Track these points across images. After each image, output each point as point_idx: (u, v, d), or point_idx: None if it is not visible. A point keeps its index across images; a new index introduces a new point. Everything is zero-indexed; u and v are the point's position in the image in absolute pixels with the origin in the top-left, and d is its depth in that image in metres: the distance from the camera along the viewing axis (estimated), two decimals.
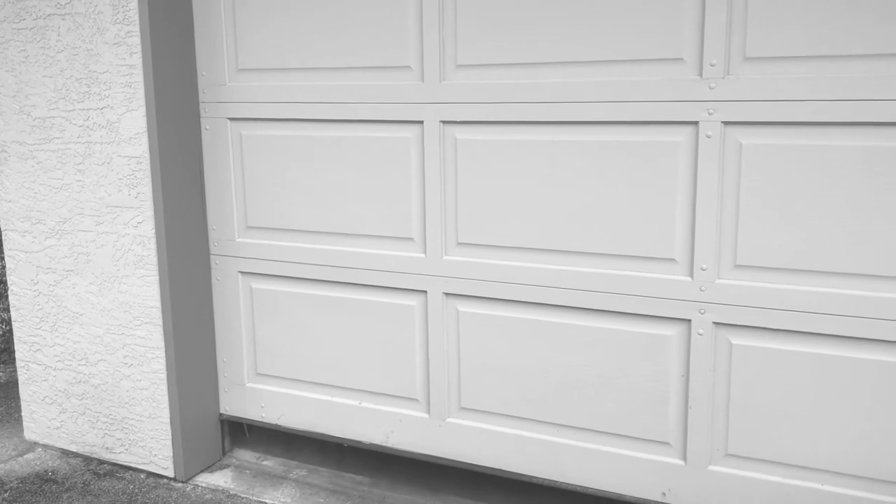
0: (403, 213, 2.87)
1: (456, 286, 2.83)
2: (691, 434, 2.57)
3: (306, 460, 3.35)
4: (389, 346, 3.00)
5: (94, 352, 3.28)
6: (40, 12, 3.10)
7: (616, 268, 2.59)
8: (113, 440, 3.33)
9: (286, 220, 3.08)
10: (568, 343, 2.70)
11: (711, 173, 2.40)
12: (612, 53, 2.47)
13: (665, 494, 2.65)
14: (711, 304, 2.47)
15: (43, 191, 3.25)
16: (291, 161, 3.03)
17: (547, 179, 2.62)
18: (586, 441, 2.74)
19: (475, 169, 2.73)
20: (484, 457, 2.91)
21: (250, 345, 3.27)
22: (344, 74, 2.88)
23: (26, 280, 3.38)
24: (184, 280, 3.13)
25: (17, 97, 3.22)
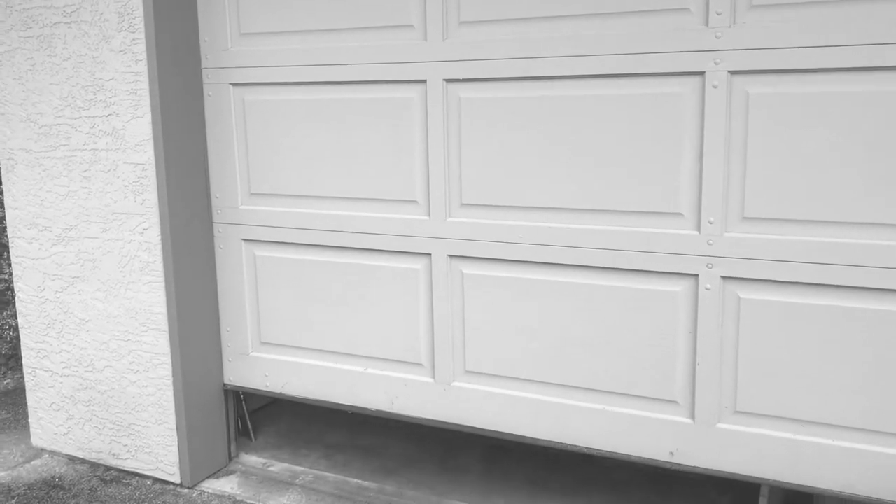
0: (407, 175, 2.85)
1: (460, 248, 2.81)
2: (699, 392, 2.54)
3: (312, 466, 3.35)
4: (394, 311, 2.97)
5: (100, 358, 3.29)
6: (47, 20, 3.12)
7: (622, 224, 2.56)
8: (119, 446, 3.33)
9: (289, 186, 3.06)
10: (574, 302, 2.67)
11: (718, 124, 2.37)
12: (617, 5, 2.45)
13: (673, 454, 2.62)
14: (719, 258, 2.44)
15: (49, 198, 3.26)
16: (294, 126, 3.01)
17: (551, 136, 2.60)
18: (593, 402, 2.71)
19: (479, 128, 2.70)
20: (489, 420, 2.88)
21: (254, 313, 3.25)
22: (346, 35, 2.86)
23: (33, 287, 3.39)
24: (187, 258, 3.14)
25: (24, 105, 3.24)
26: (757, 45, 2.29)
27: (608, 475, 3.22)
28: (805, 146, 2.30)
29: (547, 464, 3.32)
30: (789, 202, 2.34)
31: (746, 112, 2.34)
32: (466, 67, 2.68)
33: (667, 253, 2.51)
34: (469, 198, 2.77)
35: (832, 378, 2.38)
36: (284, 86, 3.00)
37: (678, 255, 2.50)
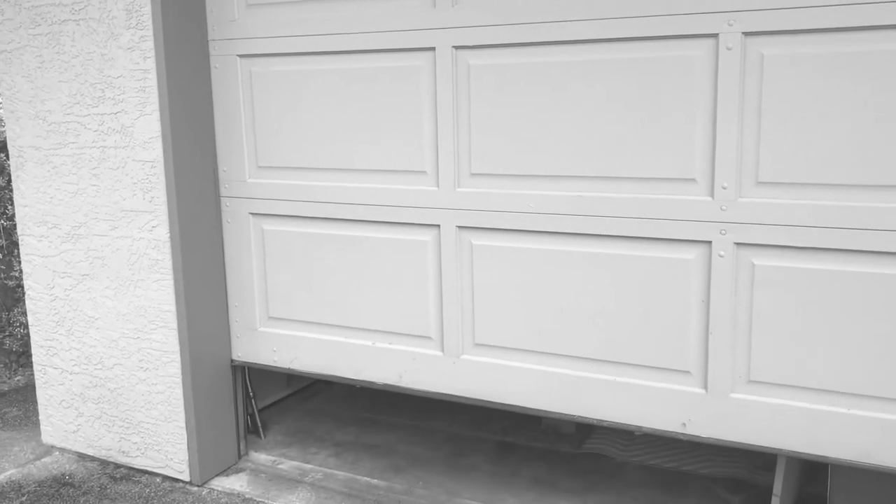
0: (416, 146, 2.82)
1: (469, 219, 2.77)
2: (712, 361, 2.51)
3: (322, 464, 3.34)
4: (402, 284, 2.94)
5: (109, 356, 3.29)
6: (55, 18, 3.11)
7: (634, 191, 2.52)
8: (129, 444, 3.33)
9: (297, 158, 3.04)
10: (584, 272, 2.64)
11: (732, 87, 2.33)
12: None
13: (685, 425, 2.58)
14: (733, 223, 2.40)
15: (58, 195, 3.26)
16: (301, 97, 2.98)
17: (562, 103, 2.56)
18: (604, 373, 2.67)
19: (489, 95, 2.66)
20: (499, 393, 2.85)
21: (262, 288, 3.23)
22: (353, 4, 2.83)
23: (42, 284, 3.39)
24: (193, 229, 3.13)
25: (33, 102, 3.24)
26: (771, 4, 2.24)
27: (618, 475, 3.20)
28: (820, 108, 2.24)
29: (556, 463, 3.30)
30: (805, 166, 2.29)
31: (761, 74, 2.29)
32: (476, 34, 2.64)
33: (679, 220, 2.47)
34: (478, 167, 2.73)
35: (848, 345, 2.33)
36: (291, 56, 2.97)
37: (691, 222, 2.45)
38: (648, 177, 2.49)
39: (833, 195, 2.28)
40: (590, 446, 3.43)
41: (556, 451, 3.41)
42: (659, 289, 2.54)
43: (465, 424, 3.67)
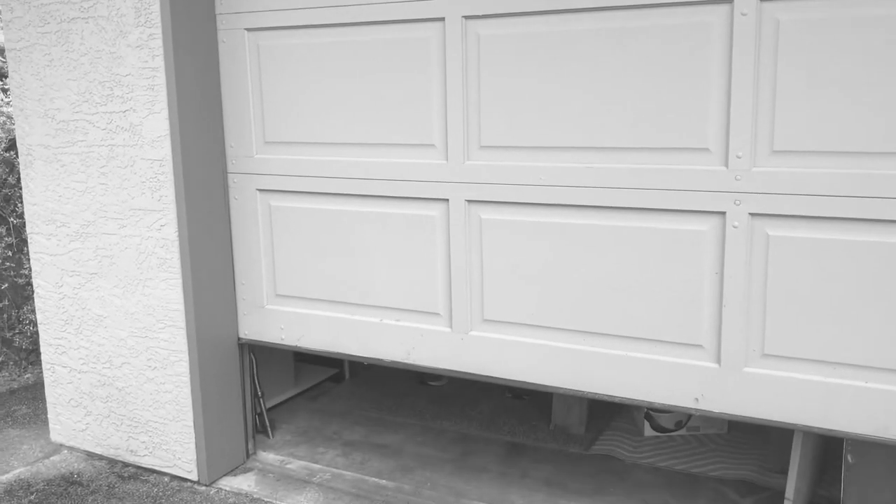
0: (424, 118, 2.78)
1: (479, 192, 2.74)
2: (725, 335, 2.46)
3: (330, 464, 3.33)
4: (410, 260, 2.91)
5: (117, 355, 3.29)
6: (64, 16, 3.10)
7: (646, 162, 2.47)
8: (137, 443, 3.33)
9: (304, 133, 3.01)
10: (595, 245, 2.60)
11: (747, 54, 2.28)
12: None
13: (698, 400, 2.54)
14: (747, 193, 2.36)
15: (67, 194, 3.25)
16: (309, 70, 2.95)
17: (573, 72, 2.51)
18: (614, 348, 2.63)
19: (499, 66, 2.62)
20: (508, 369, 2.81)
21: (269, 265, 3.20)
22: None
23: (51, 283, 3.39)
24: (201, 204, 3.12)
25: (42, 101, 3.23)
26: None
27: (628, 476, 3.17)
28: (837, 75, 2.19)
29: (566, 464, 3.28)
30: (821, 134, 2.24)
31: (776, 40, 2.25)
32: (486, 3, 2.60)
33: (693, 190, 2.42)
34: (488, 140, 2.69)
35: (865, 317, 2.28)
36: (299, 29, 2.93)
37: (705, 193, 2.41)
38: (661, 147, 2.44)
39: (851, 163, 2.22)
40: (599, 447, 3.40)
41: (565, 451, 3.38)
42: (671, 261, 2.49)
43: (474, 425, 3.65)
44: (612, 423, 3.63)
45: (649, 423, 3.49)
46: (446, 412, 3.80)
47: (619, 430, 3.57)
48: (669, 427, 3.49)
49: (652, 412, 3.47)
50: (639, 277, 2.55)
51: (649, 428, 3.49)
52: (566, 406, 3.57)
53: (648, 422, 3.49)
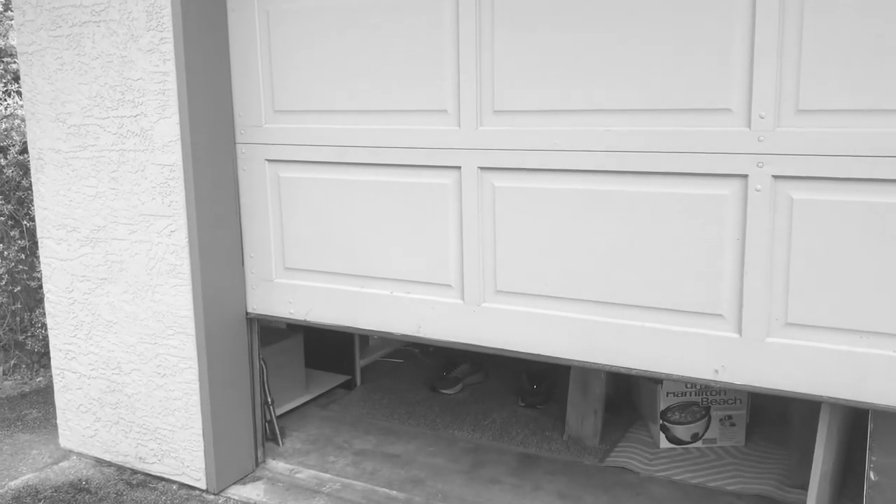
0: (436, 83, 2.70)
1: (492, 159, 2.66)
2: (747, 303, 2.37)
3: (340, 473, 3.28)
4: (421, 231, 2.83)
5: (127, 361, 3.26)
6: (76, 19, 3.08)
7: (665, 124, 2.38)
8: (146, 450, 3.30)
9: (313, 101, 2.94)
10: (611, 212, 2.51)
11: (771, 8, 2.18)
12: None
13: (718, 371, 2.45)
14: (771, 155, 2.26)
15: (78, 198, 3.23)
16: (317, 35, 2.87)
17: (588, 32, 2.43)
18: (631, 319, 2.55)
19: (513, 25, 2.53)
20: (521, 342, 2.73)
21: (278, 238, 3.13)
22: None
23: (61, 288, 3.37)
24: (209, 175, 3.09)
25: (53, 104, 3.21)
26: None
27: (643, 490, 3.11)
28: (869, 25, 2.09)
29: (579, 477, 3.22)
30: (849, 91, 2.14)
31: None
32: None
33: (714, 153, 2.33)
34: (502, 104, 2.61)
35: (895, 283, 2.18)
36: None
37: (726, 155, 2.32)
38: (681, 108, 2.36)
39: (881, 122, 2.12)
40: (614, 459, 3.34)
41: (579, 463, 3.32)
42: (691, 227, 2.40)
43: (487, 434, 3.60)
44: (627, 434, 3.57)
45: (665, 435, 3.43)
46: (458, 421, 3.75)
47: (633, 441, 3.50)
48: (685, 439, 3.42)
49: (668, 424, 3.41)
50: (657, 245, 2.46)
51: (665, 440, 3.43)
52: (580, 416, 3.51)
53: (664, 433, 3.42)
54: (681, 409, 3.40)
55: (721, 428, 3.42)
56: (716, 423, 3.42)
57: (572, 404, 3.53)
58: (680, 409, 3.40)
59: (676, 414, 3.40)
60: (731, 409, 3.41)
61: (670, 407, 3.40)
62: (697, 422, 3.41)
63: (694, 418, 3.41)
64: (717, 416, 3.41)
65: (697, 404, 3.40)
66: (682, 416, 3.40)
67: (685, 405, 3.40)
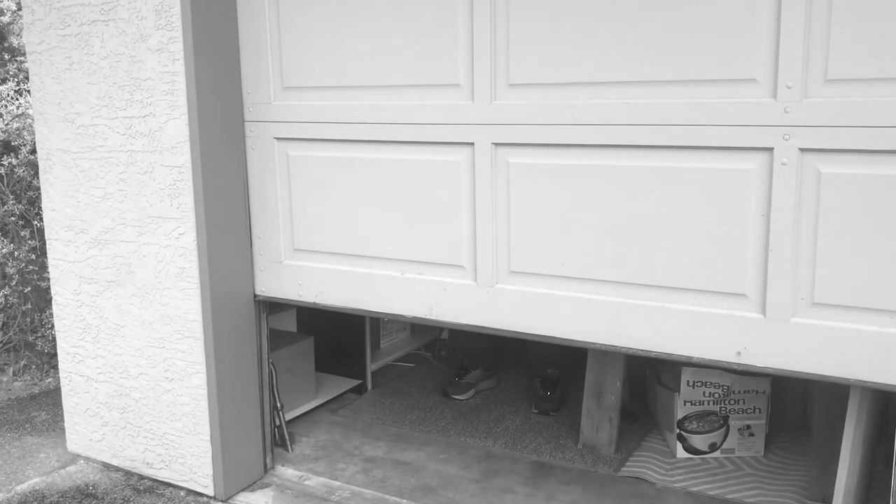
0: (449, 56, 2.61)
1: (506, 134, 2.57)
2: (771, 282, 2.28)
3: (349, 481, 3.23)
4: (433, 210, 2.75)
5: (135, 365, 3.21)
6: (85, 18, 3.04)
7: (687, 96, 2.29)
8: (153, 455, 3.25)
9: (323, 76, 2.86)
10: (630, 189, 2.42)
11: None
12: None
13: (740, 353, 2.36)
14: (797, 127, 2.17)
15: (86, 200, 3.19)
16: (328, 9, 2.80)
17: (604, 3, 2.35)
18: (650, 299, 2.46)
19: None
20: (536, 324, 2.65)
21: (287, 218, 3.06)
22: None
23: (69, 290, 3.33)
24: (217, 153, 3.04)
25: (62, 105, 3.17)
26: None
27: (660, 501, 3.03)
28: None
29: (594, 487, 3.14)
30: (882, 57, 2.04)
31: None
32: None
33: (738, 125, 2.23)
34: (517, 77, 2.53)
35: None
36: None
37: (751, 127, 2.22)
38: (703, 79, 2.26)
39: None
40: (629, 469, 3.27)
41: (593, 473, 3.25)
42: (714, 204, 2.32)
43: (500, 442, 3.53)
44: (643, 443, 3.50)
45: (682, 445, 3.35)
46: (471, 428, 3.68)
47: (649, 450, 3.43)
48: (703, 449, 3.34)
49: (685, 433, 3.33)
50: (677, 222, 2.38)
51: (682, 449, 3.35)
52: (595, 425, 3.44)
53: (681, 443, 3.35)
54: (698, 418, 3.32)
55: (740, 438, 3.34)
56: (734, 433, 3.33)
57: (587, 412, 3.45)
58: (697, 419, 3.32)
59: (694, 423, 3.32)
60: (750, 419, 3.32)
61: (687, 416, 3.32)
62: (715, 431, 3.33)
63: (712, 428, 3.33)
64: (735, 426, 3.33)
65: (715, 413, 3.32)
66: (700, 425, 3.33)
67: (703, 414, 3.32)
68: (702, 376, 3.30)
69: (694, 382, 3.31)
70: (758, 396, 3.31)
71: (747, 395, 3.31)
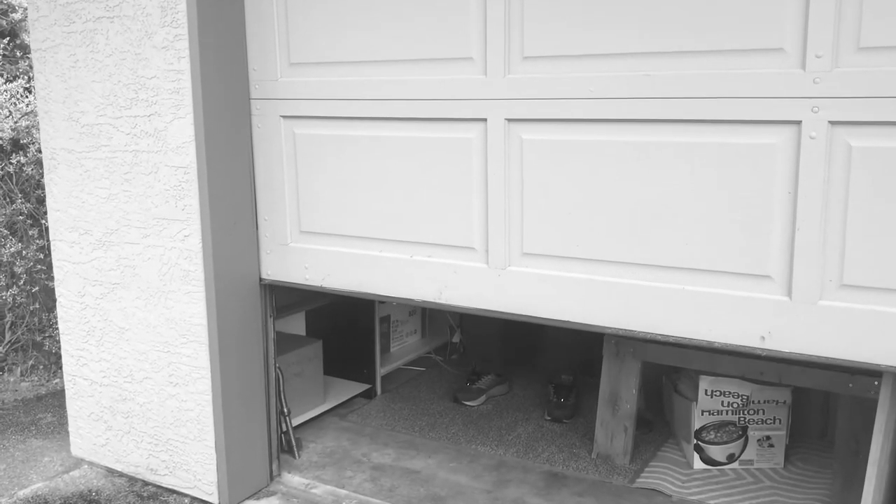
0: (461, 26, 2.52)
1: (520, 109, 2.48)
2: (798, 263, 2.17)
3: (357, 490, 3.15)
4: (443, 189, 2.66)
5: (139, 369, 3.15)
6: (90, 15, 2.97)
7: (709, 67, 2.18)
8: (157, 461, 3.19)
9: (330, 51, 2.77)
10: (650, 166, 2.32)
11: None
12: None
13: (765, 338, 2.25)
14: (827, 98, 2.06)
15: (91, 200, 3.13)
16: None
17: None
18: (670, 281, 2.35)
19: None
20: (549, 308, 2.55)
21: (293, 200, 2.98)
22: None
23: (73, 292, 3.27)
24: None
25: (66, 103, 3.11)
26: None
27: None
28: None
29: (608, 499, 3.05)
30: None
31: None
32: None
33: (763, 97, 2.13)
34: (532, 49, 2.42)
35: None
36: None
37: (777, 100, 2.12)
38: (727, 49, 2.16)
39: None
40: (644, 480, 3.18)
41: (608, 484, 3.16)
42: (738, 181, 2.21)
43: (511, 450, 3.45)
44: (659, 453, 3.40)
45: (699, 456, 3.25)
46: (482, 435, 3.60)
47: (665, 461, 3.33)
48: (721, 460, 3.24)
49: (702, 443, 3.23)
50: (699, 201, 2.27)
51: (699, 460, 3.26)
52: (609, 434, 3.35)
53: (698, 454, 3.25)
54: (716, 428, 3.23)
55: (759, 449, 3.24)
56: (753, 444, 3.23)
57: (601, 420, 3.36)
58: (715, 429, 3.23)
59: (711, 433, 3.23)
60: (770, 429, 3.22)
61: (705, 426, 3.23)
62: (734, 442, 3.23)
63: (730, 438, 3.23)
64: (754, 436, 3.23)
65: (734, 423, 3.22)
66: (718, 435, 3.23)
67: (721, 424, 3.22)
68: (720, 385, 3.21)
69: (712, 392, 3.21)
70: (778, 407, 3.21)
71: (767, 405, 3.21)
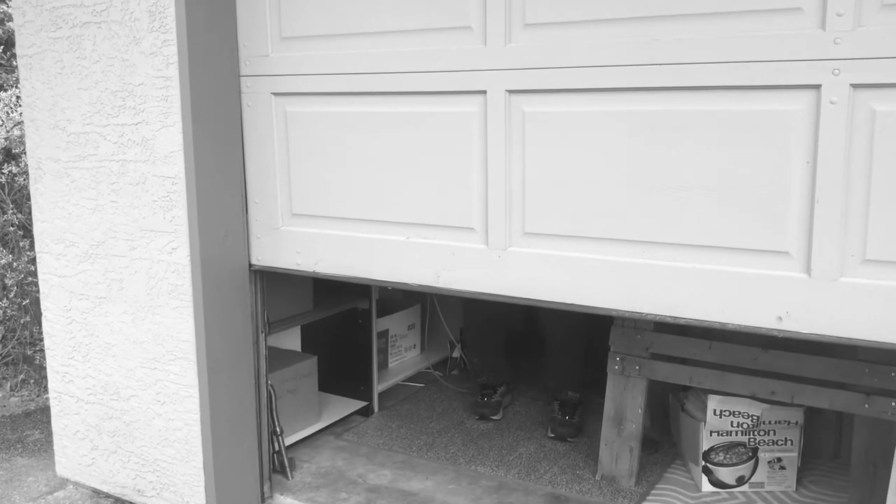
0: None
1: (521, 80, 2.35)
2: (817, 238, 2.04)
3: None
4: (441, 167, 2.54)
5: (126, 386, 3.04)
6: (76, 20, 2.88)
7: (722, 30, 2.04)
8: (144, 482, 3.07)
9: (323, 25, 2.66)
10: (658, 136, 2.19)
11: None
12: None
13: (782, 319, 2.12)
14: (849, 59, 1.93)
15: (77, 211, 3.02)
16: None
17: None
18: (680, 260, 2.22)
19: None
20: (553, 290, 2.42)
21: (285, 181, 2.86)
22: None
23: (59, 306, 3.16)
24: None
25: (53, 111, 3.01)
26: None
27: None
28: None
29: None
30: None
31: None
32: None
33: (780, 60, 2.00)
34: (534, 15, 2.31)
35: None
36: None
37: (795, 63, 1.99)
38: (740, 10, 2.04)
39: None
40: (651, 503, 3.06)
41: None
42: (752, 151, 2.08)
43: (512, 471, 3.32)
44: (666, 475, 3.28)
45: (707, 478, 3.13)
46: (482, 455, 3.47)
47: (673, 483, 3.21)
48: (730, 482, 3.12)
49: (711, 465, 3.11)
50: (711, 173, 2.15)
51: (707, 483, 3.13)
52: (614, 454, 3.22)
53: (706, 476, 3.12)
54: (725, 449, 3.10)
55: (770, 471, 3.11)
56: (764, 466, 3.11)
57: (605, 441, 3.24)
58: (724, 450, 3.10)
59: (720, 455, 3.10)
60: (781, 451, 3.10)
61: (714, 447, 3.10)
62: (744, 464, 3.10)
63: (740, 460, 3.10)
64: (765, 458, 3.10)
65: (744, 445, 3.10)
66: (727, 457, 3.10)
67: (730, 445, 3.10)
68: (729, 405, 3.08)
69: (721, 412, 3.09)
70: (790, 427, 3.08)
71: (778, 426, 3.08)
